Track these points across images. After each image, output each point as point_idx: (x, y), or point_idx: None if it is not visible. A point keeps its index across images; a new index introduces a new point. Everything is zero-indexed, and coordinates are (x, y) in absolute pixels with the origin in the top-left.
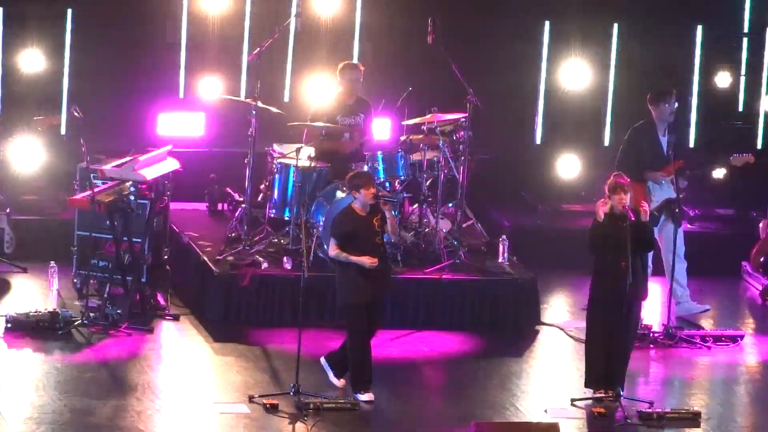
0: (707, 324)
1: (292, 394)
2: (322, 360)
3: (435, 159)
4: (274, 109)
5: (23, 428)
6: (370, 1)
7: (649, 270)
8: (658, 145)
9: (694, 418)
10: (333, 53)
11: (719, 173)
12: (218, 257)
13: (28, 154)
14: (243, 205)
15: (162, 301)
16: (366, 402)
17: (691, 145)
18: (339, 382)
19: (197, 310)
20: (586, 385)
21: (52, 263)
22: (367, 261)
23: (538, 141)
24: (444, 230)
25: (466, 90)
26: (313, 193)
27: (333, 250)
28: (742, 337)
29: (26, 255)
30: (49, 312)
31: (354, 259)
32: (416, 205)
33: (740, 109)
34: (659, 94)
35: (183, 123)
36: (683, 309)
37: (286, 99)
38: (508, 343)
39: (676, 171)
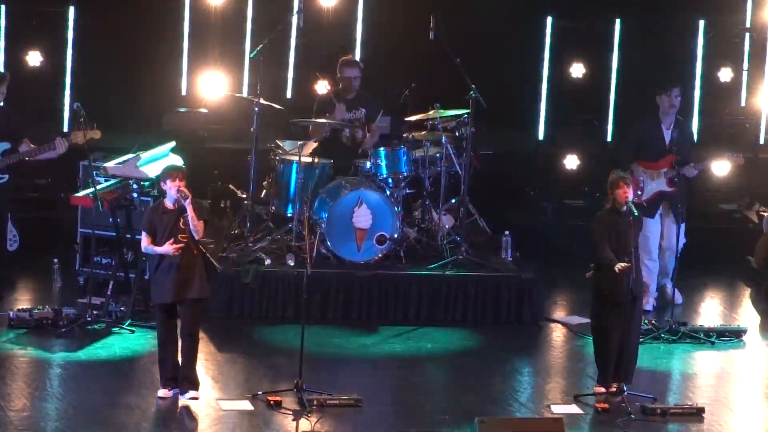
0: (711, 319)
1: (295, 390)
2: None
3: (438, 155)
4: (276, 106)
5: (27, 426)
6: None
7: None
8: (659, 138)
9: (697, 413)
10: (335, 49)
11: (722, 168)
12: (221, 254)
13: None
14: (246, 202)
15: None
16: (189, 399)
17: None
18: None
19: None
20: (599, 383)
21: (55, 261)
22: (170, 249)
23: (540, 137)
24: (447, 226)
25: (468, 86)
26: (315, 189)
27: (143, 242)
28: (745, 332)
29: (29, 252)
30: (52, 310)
31: (158, 249)
32: (419, 202)
33: (742, 103)
34: (659, 87)
35: (185, 119)
36: (660, 291)
37: (289, 95)
38: (511, 339)
39: (672, 165)
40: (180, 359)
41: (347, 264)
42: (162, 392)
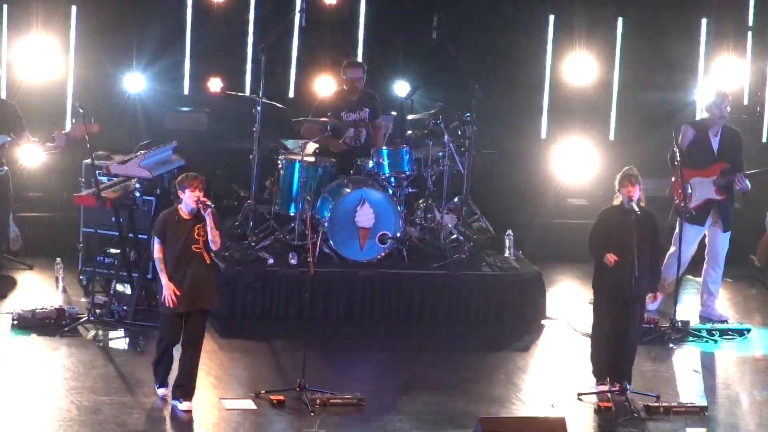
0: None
1: (298, 390)
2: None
3: (440, 154)
4: (278, 105)
5: (30, 425)
6: None
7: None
8: (707, 146)
9: (700, 412)
10: (338, 48)
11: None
12: (224, 253)
13: (34, 151)
14: (248, 201)
15: None
16: (183, 411)
17: None
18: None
19: None
20: (595, 376)
21: (58, 260)
22: (168, 292)
23: (543, 135)
24: (449, 225)
25: (471, 85)
26: (318, 188)
27: (156, 252)
28: (748, 330)
29: (32, 252)
30: (55, 309)
31: (162, 280)
32: (422, 201)
33: (745, 102)
34: (709, 97)
35: (188, 119)
36: (704, 312)
37: (291, 94)
38: (514, 338)
39: (720, 173)
40: (179, 368)
41: (350, 263)
42: (162, 391)
